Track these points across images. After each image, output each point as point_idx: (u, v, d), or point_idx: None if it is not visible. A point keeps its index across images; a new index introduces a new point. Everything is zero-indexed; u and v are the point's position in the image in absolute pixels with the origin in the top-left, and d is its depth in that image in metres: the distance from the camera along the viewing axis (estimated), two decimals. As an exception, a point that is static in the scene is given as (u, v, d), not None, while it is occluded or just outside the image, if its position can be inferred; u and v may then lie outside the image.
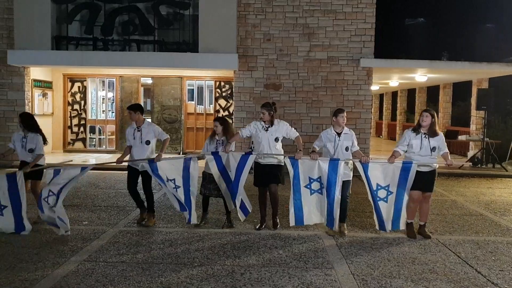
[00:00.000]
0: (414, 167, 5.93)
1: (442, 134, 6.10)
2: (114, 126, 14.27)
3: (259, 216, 6.51)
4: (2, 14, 12.04)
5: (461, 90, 19.82)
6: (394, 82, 17.61)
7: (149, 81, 14.46)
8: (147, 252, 5.35)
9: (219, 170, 6.25)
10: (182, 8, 12.07)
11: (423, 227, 6.19)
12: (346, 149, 6.15)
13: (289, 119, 11.25)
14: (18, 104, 12.08)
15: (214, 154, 6.24)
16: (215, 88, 14.07)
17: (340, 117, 6.13)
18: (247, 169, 6.21)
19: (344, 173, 6.10)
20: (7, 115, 12.16)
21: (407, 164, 5.97)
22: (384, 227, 6.11)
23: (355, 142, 6.22)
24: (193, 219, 6.33)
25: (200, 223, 6.49)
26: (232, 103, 13.25)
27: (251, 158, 6.21)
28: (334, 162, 6.00)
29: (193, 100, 14.60)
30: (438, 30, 36.01)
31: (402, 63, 12.75)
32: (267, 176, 6.28)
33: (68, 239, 5.75)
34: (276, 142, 6.25)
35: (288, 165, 6.13)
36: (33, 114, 7.64)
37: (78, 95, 14.23)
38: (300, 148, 6.20)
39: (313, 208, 6.20)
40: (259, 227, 6.37)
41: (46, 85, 13.35)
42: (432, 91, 20.37)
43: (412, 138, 6.02)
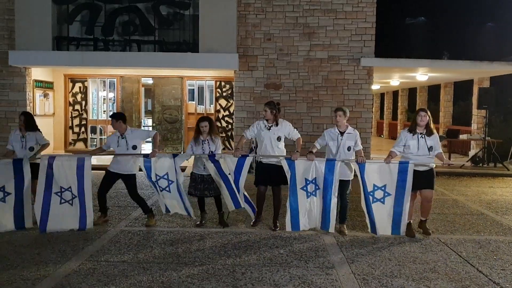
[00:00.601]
0: (411, 168, 5.90)
1: (436, 133, 6.07)
2: (114, 126, 14.27)
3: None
4: (3, 15, 12.05)
5: (462, 89, 19.77)
6: (395, 81, 17.60)
7: (149, 81, 14.48)
8: (148, 251, 5.36)
9: (218, 172, 6.23)
10: (182, 8, 12.08)
11: (424, 222, 6.17)
12: (348, 148, 6.13)
13: (289, 118, 11.20)
14: (19, 105, 12.07)
15: (211, 157, 6.17)
16: (216, 88, 14.07)
17: (336, 115, 6.14)
18: (245, 170, 6.23)
19: (345, 173, 6.10)
20: (8, 116, 12.15)
21: (403, 165, 5.93)
22: (375, 230, 6.06)
23: (359, 142, 6.19)
24: (192, 213, 6.45)
25: (201, 223, 6.51)
26: (232, 103, 13.26)
27: (248, 160, 6.23)
28: (331, 162, 5.99)
29: (193, 100, 14.64)
30: (439, 29, 35.92)
31: (403, 63, 12.70)
32: (268, 176, 6.29)
33: (70, 239, 5.76)
34: (279, 141, 6.25)
35: (285, 166, 6.12)
36: (34, 115, 7.66)
37: (79, 96, 14.24)
38: (298, 150, 6.20)
39: (308, 213, 6.18)
40: (254, 222, 6.42)
41: (47, 85, 13.36)
42: (433, 90, 20.34)
43: (409, 139, 5.97)
